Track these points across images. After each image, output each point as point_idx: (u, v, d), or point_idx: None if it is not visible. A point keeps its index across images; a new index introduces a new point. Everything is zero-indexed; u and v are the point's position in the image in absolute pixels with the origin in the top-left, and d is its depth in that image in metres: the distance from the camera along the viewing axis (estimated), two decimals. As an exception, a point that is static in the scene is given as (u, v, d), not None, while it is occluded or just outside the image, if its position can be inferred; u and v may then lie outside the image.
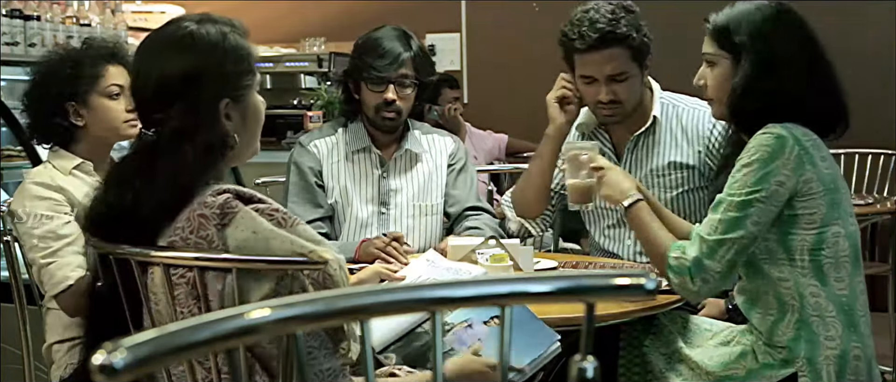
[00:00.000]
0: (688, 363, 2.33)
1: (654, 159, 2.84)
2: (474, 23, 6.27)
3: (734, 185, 2.14)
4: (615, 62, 2.72)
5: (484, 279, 1.06)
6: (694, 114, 2.85)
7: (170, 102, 1.69)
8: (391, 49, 2.93)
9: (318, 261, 1.59)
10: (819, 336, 2.17)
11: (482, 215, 3.03)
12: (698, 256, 2.14)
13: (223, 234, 1.62)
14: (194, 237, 1.63)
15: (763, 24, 2.21)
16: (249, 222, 1.61)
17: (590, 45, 2.70)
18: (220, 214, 1.62)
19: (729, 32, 2.23)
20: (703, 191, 2.85)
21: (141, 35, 6.15)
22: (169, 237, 1.66)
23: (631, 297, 1.02)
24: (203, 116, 1.69)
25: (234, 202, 1.63)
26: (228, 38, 1.74)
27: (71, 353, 2.54)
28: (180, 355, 0.89)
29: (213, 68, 1.71)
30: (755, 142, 2.15)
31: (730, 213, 2.13)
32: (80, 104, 2.59)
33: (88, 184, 2.62)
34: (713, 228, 2.14)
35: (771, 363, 2.22)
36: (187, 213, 1.65)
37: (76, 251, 2.48)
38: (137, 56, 1.78)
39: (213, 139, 1.70)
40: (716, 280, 2.16)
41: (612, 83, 2.75)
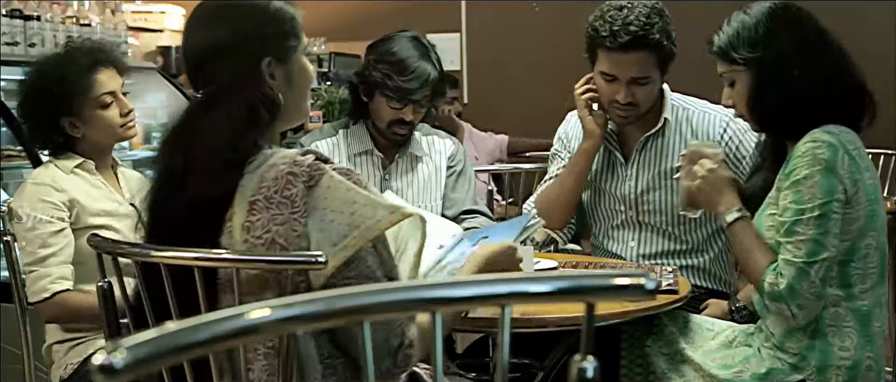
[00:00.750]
0: (690, 364, 2.32)
1: (662, 162, 2.84)
2: (474, 23, 6.27)
3: (802, 200, 2.11)
4: (641, 66, 2.70)
5: (484, 279, 1.06)
6: (704, 117, 2.84)
7: (214, 63, 1.74)
8: (421, 71, 2.86)
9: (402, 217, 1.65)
10: (833, 346, 2.16)
11: (478, 217, 3.03)
12: (790, 282, 2.11)
13: (311, 194, 1.64)
14: (278, 196, 1.64)
15: (758, 29, 2.21)
16: (336, 183, 1.65)
17: (621, 44, 2.66)
18: (309, 174, 1.64)
19: (732, 48, 2.23)
20: None
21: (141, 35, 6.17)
22: (250, 197, 1.66)
23: (631, 297, 1.02)
24: (245, 74, 1.73)
25: (320, 164, 1.66)
26: (271, 3, 1.78)
27: (71, 353, 2.54)
28: (180, 355, 0.89)
29: (254, 29, 1.76)
30: (805, 151, 2.12)
31: (809, 231, 2.10)
32: (76, 118, 2.59)
33: (90, 183, 2.63)
34: (797, 248, 2.11)
35: (779, 367, 2.21)
36: (273, 171, 1.66)
37: (61, 261, 2.50)
38: (186, 24, 1.82)
39: (255, 97, 1.73)
40: (812, 302, 2.13)
41: (632, 86, 2.72)
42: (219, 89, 1.73)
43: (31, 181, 2.59)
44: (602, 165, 2.91)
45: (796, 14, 2.25)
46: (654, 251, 2.86)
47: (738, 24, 2.24)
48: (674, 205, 2.81)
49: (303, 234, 1.63)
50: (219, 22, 1.77)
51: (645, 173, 2.85)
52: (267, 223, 1.64)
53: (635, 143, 2.86)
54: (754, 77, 2.22)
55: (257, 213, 1.65)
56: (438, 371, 1.04)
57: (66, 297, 2.49)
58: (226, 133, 1.70)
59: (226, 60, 1.74)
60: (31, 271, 2.49)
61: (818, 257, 2.10)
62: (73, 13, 4.41)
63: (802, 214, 2.11)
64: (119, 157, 2.85)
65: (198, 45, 1.78)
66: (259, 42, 1.76)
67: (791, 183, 2.13)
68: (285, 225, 1.63)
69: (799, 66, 2.18)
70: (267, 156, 1.69)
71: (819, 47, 2.22)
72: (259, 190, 1.65)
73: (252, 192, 1.66)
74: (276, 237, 1.63)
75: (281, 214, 1.63)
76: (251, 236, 1.65)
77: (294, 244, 1.63)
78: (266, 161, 1.68)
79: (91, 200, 2.58)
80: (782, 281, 2.12)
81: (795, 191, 2.13)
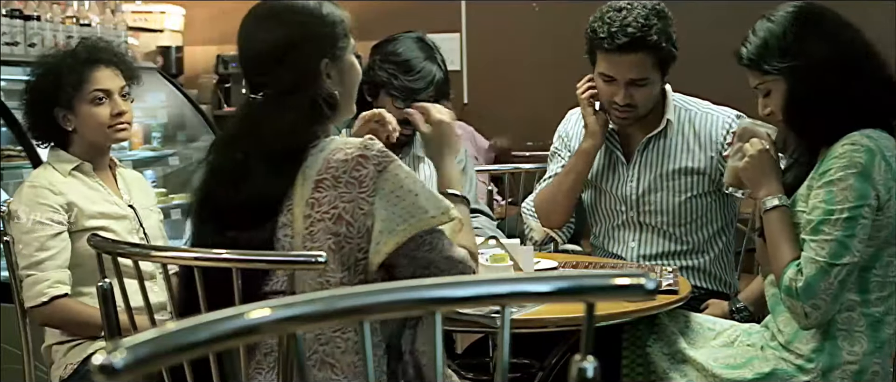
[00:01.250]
0: (692, 364, 2.31)
1: (664, 163, 2.83)
2: (474, 23, 6.27)
3: (833, 201, 2.09)
4: (639, 68, 2.69)
5: (484, 279, 1.06)
6: (707, 118, 2.83)
7: (274, 66, 1.85)
8: (426, 71, 2.85)
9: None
10: (842, 350, 2.15)
11: (479, 216, 3.02)
12: (809, 280, 2.09)
13: (380, 176, 1.77)
14: (346, 176, 1.77)
15: (787, 37, 2.18)
16: (404, 172, 1.80)
17: (618, 46, 2.66)
18: (379, 159, 1.78)
19: (763, 59, 2.20)
20: (712, 196, 2.83)
21: (141, 35, 6.17)
22: (316, 176, 1.78)
23: (631, 297, 1.02)
24: (307, 74, 1.86)
25: (389, 152, 1.80)
26: (323, 5, 1.91)
27: (70, 353, 2.54)
28: (180, 355, 0.89)
29: (311, 32, 1.88)
30: (842, 153, 2.10)
31: (836, 232, 2.08)
32: (68, 110, 2.60)
33: (87, 185, 2.63)
34: (820, 247, 2.09)
35: (784, 368, 2.20)
36: (340, 154, 1.78)
37: (59, 265, 2.50)
38: (243, 29, 1.92)
39: (317, 95, 1.86)
40: (827, 304, 2.10)
41: (631, 87, 2.72)
42: (281, 91, 1.85)
43: (29, 184, 2.59)
44: (603, 165, 2.91)
45: (819, 14, 2.21)
46: (654, 252, 2.85)
47: (765, 33, 2.21)
48: (675, 206, 2.81)
49: (369, 212, 1.77)
50: (279, 27, 1.88)
51: (647, 174, 2.84)
52: (334, 200, 1.76)
53: (637, 143, 2.86)
54: (790, 86, 2.18)
55: (324, 190, 1.77)
56: (438, 371, 1.04)
57: (64, 303, 2.49)
58: (289, 128, 1.83)
59: (288, 62, 1.85)
60: (28, 275, 2.49)
61: (841, 259, 2.08)
62: (73, 13, 4.41)
63: (831, 214, 2.09)
64: (119, 157, 2.84)
65: (258, 48, 1.89)
66: (318, 44, 1.88)
67: (824, 183, 2.11)
68: (352, 203, 1.76)
69: (833, 68, 2.15)
70: (329, 141, 1.84)
71: (847, 45, 2.18)
72: (326, 170, 1.78)
73: (317, 172, 1.78)
74: (342, 213, 1.76)
75: (348, 192, 1.76)
76: (314, 212, 1.77)
77: (359, 221, 1.77)
78: (329, 145, 1.82)
79: (89, 202, 2.58)
80: (801, 278, 2.10)
81: (827, 191, 2.10)
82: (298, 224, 1.79)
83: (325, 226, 1.77)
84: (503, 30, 6.17)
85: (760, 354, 2.24)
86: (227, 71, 5.95)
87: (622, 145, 2.89)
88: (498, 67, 6.09)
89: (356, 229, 1.77)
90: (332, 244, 1.77)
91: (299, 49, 1.86)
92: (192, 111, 4.76)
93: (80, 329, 2.52)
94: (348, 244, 1.77)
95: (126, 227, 2.62)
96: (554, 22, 5.76)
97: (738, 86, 2.47)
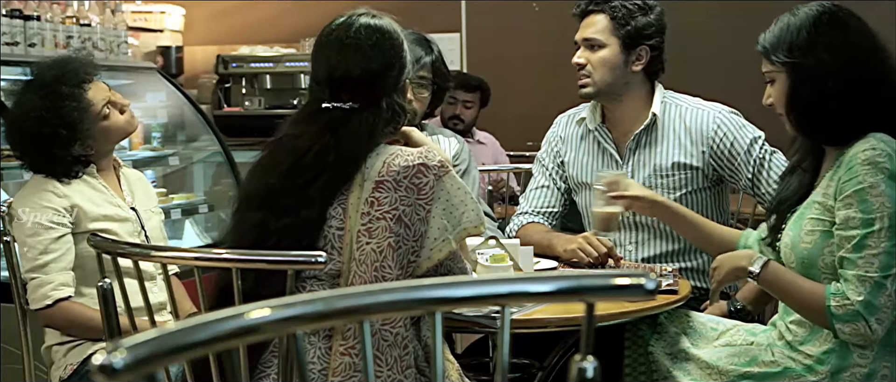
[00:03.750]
0: (696, 362, 2.30)
1: (656, 159, 2.83)
2: (474, 23, 6.27)
3: (870, 210, 2.05)
4: (592, 28, 2.82)
5: (484, 279, 1.06)
6: (698, 114, 2.83)
7: (373, 84, 2.03)
8: (412, 51, 2.92)
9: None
10: (852, 354, 2.13)
11: (481, 217, 3.03)
12: (867, 298, 2.04)
13: (439, 185, 1.93)
14: (407, 182, 1.92)
15: (801, 33, 2.18)
16: (459, 183, 1.96)
17: (580, 11, 2.86)
18: (438, 169, 1.94)
19: (773, 49, 2.21)
20: (707, 192, 2.84)
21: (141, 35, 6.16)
22: (376, 177, 1.93)
23: (631, 297, 1.02)
24: (393, 91, 2.05)
25: (447, 164, 1.96)
26: (402, 33, 2.11)
27: (70, 354, 2.54)
28: (180, 355, 0.89)
29: (401, 57, 2.07)
30: (866, 159, 2.07)
31: (883, 244, 2.04)
32: (86, 138, 2.60)
33: (92, 187, 2.63)
34: (870, 264, 2.04)
35: (792, 367, 2.19)
36: (400, 159, 1.94)
37: (63, 267, 2.50)
38: (334, 49, 2.06)
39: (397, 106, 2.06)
40: (889, 315, 2.07)
41: (586, 50, 2.83)
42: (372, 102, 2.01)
43: (32, 186, 2.59)
44: (599, 165, 2.91)
45: (844, 20, 2.20)
46: (652, 253, 2.85)
47: (783, 25, 2.21)
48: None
49: (425, 218, 1.92)
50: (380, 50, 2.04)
51: (640, 172, 2.84)
52: (395, 202, 1.91)
53: (627, 141, 2.86)
54: (790, 81, 2.19)
55: (385, 191, 1.92)
56: (438, 371, 1.04)
57: (68, 306, 2.49)
58: (370, 133, 1.99)
59: (386, 77, 2.04)
60: (32, 277, 2.49)
61: (893, 270, 2.04)
62: (73, 13, 4.40)
63: (872, 225, 2.04)
64: (119, 157, 2.85)
65: (360, 67, 2.03)
66: (403, 70, 2.08)
67: (854, 191, 2.07)
68: (411, 207, 1.91)
69: (837, 74, 2.14)
70: (385, 147, 1.99)
71: (862, 56, 2.17)
72: (387, 173, 1.93)
73: (378, 173, 1.93)
74: (402, 215, 1.91)
75: (408, 197, 1.91)
76: (374, 210, 1.91)
77: (415, 225, 1.91)
78: (387, 150, 1.97)
79: (92, 205, 2.58)
80: (857, 299, 2.05)
81: (861, 201, 2.06)
82: (352, 222, 1.93)
83: (387, 224, 1.90)
84: (503, 30, 6.17)
85: (765, 353, 2.24)
86: (227, 71, 5.94)
87: (616, 143, 2.90)
88: (498, 67, 6.08)
89: (412, 232, 1.91)
90: (393, 242, 1.90)
91: (395, 68, 2.06)
92: (191, 111, 4.76)
93: (83, 332, 2.52)
94: (404, 244, 1.91)
95: (128, 229, 2.62)
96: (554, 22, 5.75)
97: (731, 84, 2.47)
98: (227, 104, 5.98)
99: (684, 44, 2.85)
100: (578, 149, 2.96)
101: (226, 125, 5.09)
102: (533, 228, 2.94)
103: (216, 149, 4.68)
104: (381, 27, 2.07)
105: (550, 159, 3.01)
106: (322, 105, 2.02)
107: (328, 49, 2.07)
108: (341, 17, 2.10)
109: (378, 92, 2.03)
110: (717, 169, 2.80)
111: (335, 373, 1.89)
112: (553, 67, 5.90)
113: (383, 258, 1.88)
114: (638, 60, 2.82)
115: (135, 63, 4.72)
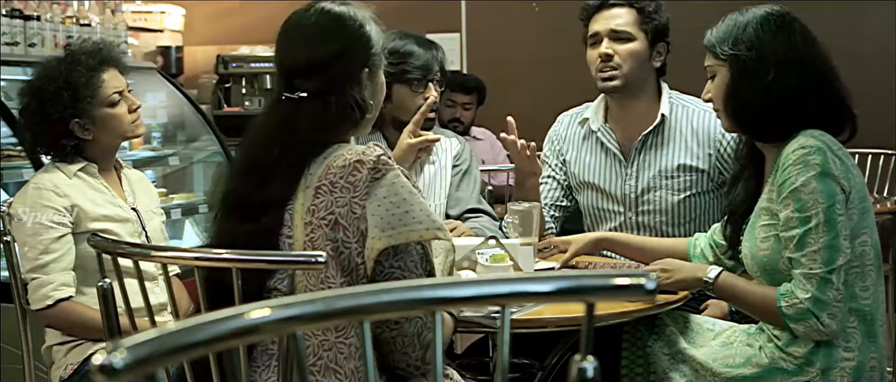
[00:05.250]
0: (692, 363, 2.31)
1: (662, 160, 2.83)
2: (474, 23, 6.26)
3: (805, 208, 2.10)
4: (620, 19, 2.80)
5: (484, 279, 1.06)
6: (705, 116, 2.83)
7: (321, 70, 1.93)
8: (428, 52, 2.98)
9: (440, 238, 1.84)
10: (838, 349, 2.15)
11: (482, 216, 3.03)
12: (815, 294, 2.09)
13: (375, 183, 1.81)
14: (342, 181, 1.82)
15: (746, 29, 2.23)
16: (401, 181, 1.83)
17: (601, 2, 2.83)
18: (375, 165, 1.82)
19: (718, 43, 2.26)
20: (711, 194, 2.83)
21: (141, 35, 6.16)
22: (318, 181, 1.84)
23: (631, 297, 1.02)
24: (346, 82, 1.94)
25: (389, 160, 1.85)
26: (367, 20, 1.99)
27: (71, 354, 2.54)
28: (180, 355, 0.89)
29: (359, 42, 1.97)
30: (797, 159, 2.12)
31: (822, 239, 2.08)
32: (86, 120, 2.59)
33: (93, 187, 2.62)
34: (812, 260, 2.09)
35: (784, 367, 2.20)
36: (340, 160, 1.84)
37: (63, 267, 2.50)
38: (289, 34, 2.00)
39: (352, 99, 1.95)
40: (840, 309, 2.10)
41: (613, 42, 2.81)
42: (321, 93, 1.92)
43: (33, 185, 2.58)
44: (602, 164, 2.91)
45: (789, 22, 2.26)
46: (653, 254, 2.85)
47: (730, 21, 2.28)
48: (674, 205, 2.81)
49: (361, 216, 1.80)
50: (331, 34, 1.96)
51: (645, 172, 2.84)
52: (330, 206, 1.82)
53: (634, 141, 2.86)
54: (731, 74, 2.24)
55: (321, 197, 1.82)
56: (438, 371, 1.04)
57: (69, 306, 2.49)
58: (324, 126, 1.91)
59: (336, 67, 1.93)
60: (32, 278, 2.49)
61: (836, 263, 2.08)
62: (73, 13, 4.41)
63: (809, 222, 2.09)
64: (120, 157, 2.84)
65: (309, 53, 1.95)
66: (362, 53, 1.97)
67: (789, 192, 2.12)
68: (346, 207, 1.81)
69: (776, 71, 2.19)
70: (335, 149, 1.89)
71: (803, 59, 2.22)
72: (325, 176, 1.84)
73: (317, 179, 1.84)
74: (338, 218, 1.81)
75: (343, 197, 1.81)
76: (315, 218, 1.82)
77: (353, 225, 1.80)
78: (333, 153, 1.87)
79: (93, 205, 2.58)
80: (805, 297, 2.09)
81: (796, 200, 2.11)
82: (298, 232, 1.84)
83: (324, 232, 1.81)
84: (503, 30, 6.17)
85: (759, 354, 2.24)
86: (227, 71, 5.94)
87: (620, 143, 2.89)
88: (498, 68, 6.08)
89: (351, 232, 1.80)
90: (331, 250, 1.80)
91: (347, 56, 1.95)
92: (191, 111, 4.76)
93: (84, 332, 2.52)
94: (347, 249, 1.81)
95: (129, 230, 2.62)
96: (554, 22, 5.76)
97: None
98: (227, 104, 5.98)
99: (684, 44, 2.85)
100: (581, 149, 2.96)
101: (226, 125, 5.09)
102: None
103: (216, 149, 4.69)
104: (334, 12, 1.98)
105: (554, 156, 3.01)
106: (282, 96, 1.97)
107: (281, 36, 2.01)
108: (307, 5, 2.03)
109: (329, 83, 1.93)
110: (722, 172, 2.80)
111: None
112: (553, 67, 5.91)
113: (326, 269, 1.78)
114: (658, 55, 2.85)
115: (135, 63, 4.71)
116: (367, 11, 2.02)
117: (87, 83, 2.57)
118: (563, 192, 3.01)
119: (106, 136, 2.63)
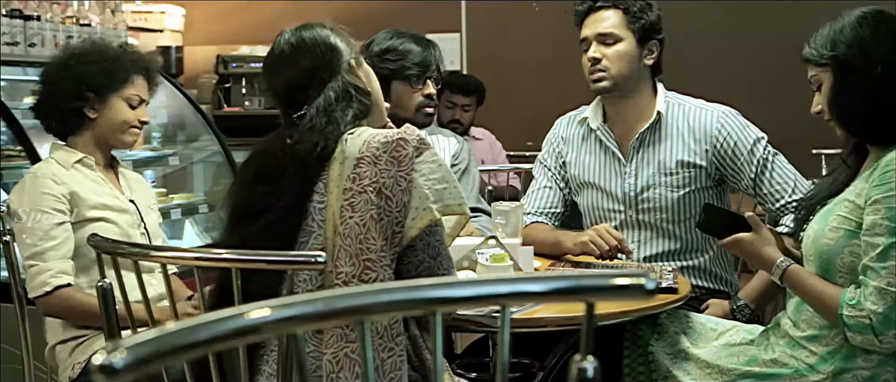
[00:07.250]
0: (696, 362, 2.31)
1: (660, 157, 2.83)
2: (474, 23, 6.27)
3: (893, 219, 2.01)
4: (607, 22, 2.82)
5: (484, 279, 1.06)
6: (701, 113, 2.84)
7: (305, 91, 2.08)
8: (425, 47, 3.01)
9: None
10: (858, 357, 2.11)
11: (480, 216, 3.03)
12: (885, 312, 2.01)
13: (418, 158, 1.96)
14: (387, 156, 1.94)
15: (844, 30, 2.16)
16: (438, 159, 2.00)
17: (588, 8, 2.85)
18: (417, 144, 1.97)
19: (820, 49, 2.19)
20: (709, 191, 2.83)
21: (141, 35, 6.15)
22: (357, 154, 1.96)
23: (631, 297, 1.02)
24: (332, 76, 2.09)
25: (425, 138, 1.99)
26: (331, 35, 2.15)
27: (76, 353, 2.54)
28: (180, 355, 0.89)
29: (323, 60, 2.11)
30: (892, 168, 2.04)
31: None
32: (99, 99, 2.63)
33: (90, 178, 2.63)
34: (893, 275, 2.00)
35: (794, 366, 2.18)
36: (380, 136, 1.97)
37: (62, 255, 2.50)
38: (268, 67, 2.17)
39: (346, 83, 2.09)
40: None
41: (601, 45, 2.82)
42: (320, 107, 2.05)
43: (32, 175, 2.61)
44: (601, 164, 2.91)
45: (888, 19, 2.18)
46: (653, 252, 2.85)
47: (826, 29, 2.20)
48: (673, 202, 2.81)
49: (406, 189, 1.94)
50: (300, 53, 2.11)
51: (644, 171, 2.85)
52: (375, 176, 1.94)
53: (631, 139, 2.87)
54: (834, 77, 2.16)
55: (365, 167, 1.95)
56: (438, 371, 1.04)
57: (67, 293, 2.49)
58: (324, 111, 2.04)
59: (316, 87, 2.07)
60: (31, 264, 2.49)
61: None
62: (73, 13, 4.41)
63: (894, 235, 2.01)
64: (119, 157, 2.85)
65: (288, 79, 2.10)
66: (332, 66, 2.10)
67: (883, 197, 2.04)
68: (393, 179, 1.94)
69: (882, 66, 2.11)
70: (365, 129, 2.03)
71: None
72: (367, 149, 1.96)
73: (358, 151, 1.96)
74: (383, 187, 1.93)
75: (388, 169, 1.94)
76: (355, 185, 1.95)
77: (397, 196, 1.94)
78: (368, 131, 2.02)
79: (91, 193, 2.59)
80: (875, 311, 2.02)
81: (889, 209, 2.03)
82: (334, 196, 1.97)
83: (368, 197, 1.93)
84: (503, 30, 6.18)
85: (766, 352, 2.23)
86: (227, 71, 5.94)
87: (618, 142, 2.90)
88: (498, 67, 6.09)
89: (395, 202, 1.93)
90: (375, 214, 1.92)
91: (324, 63, 2.10)
92: (191, 111, 4.76)
93: (83, 319, 2.52)
94: (387, 216, 1.93)
95: (128, 220, 2.63)
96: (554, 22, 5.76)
97: (729, 85, 2.47)
98: (227, 104, 5.98)
99: (683, 45, 2.85)
100: (581, 149, 2.96)
101: (226, 125, 5.09)
102: (537, 227, 2.94)
103: (216, 149, 4.69)
104: (296, 41, 2.13)
105: (552, 160, 3.01)
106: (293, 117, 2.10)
107: (265, 74, 2.18)
108: None
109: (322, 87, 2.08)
110: (719, 169, 2.80)
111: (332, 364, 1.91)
112: (553, 68, 5.91)
113: (367, 231, 1.91)
114: (650, 54, 2.85)
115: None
116: (324, 29, 2.17)
117: (125, 72, 2.66)
118: (560, 198, 3.01)
119: (105, 124, 2.66)
